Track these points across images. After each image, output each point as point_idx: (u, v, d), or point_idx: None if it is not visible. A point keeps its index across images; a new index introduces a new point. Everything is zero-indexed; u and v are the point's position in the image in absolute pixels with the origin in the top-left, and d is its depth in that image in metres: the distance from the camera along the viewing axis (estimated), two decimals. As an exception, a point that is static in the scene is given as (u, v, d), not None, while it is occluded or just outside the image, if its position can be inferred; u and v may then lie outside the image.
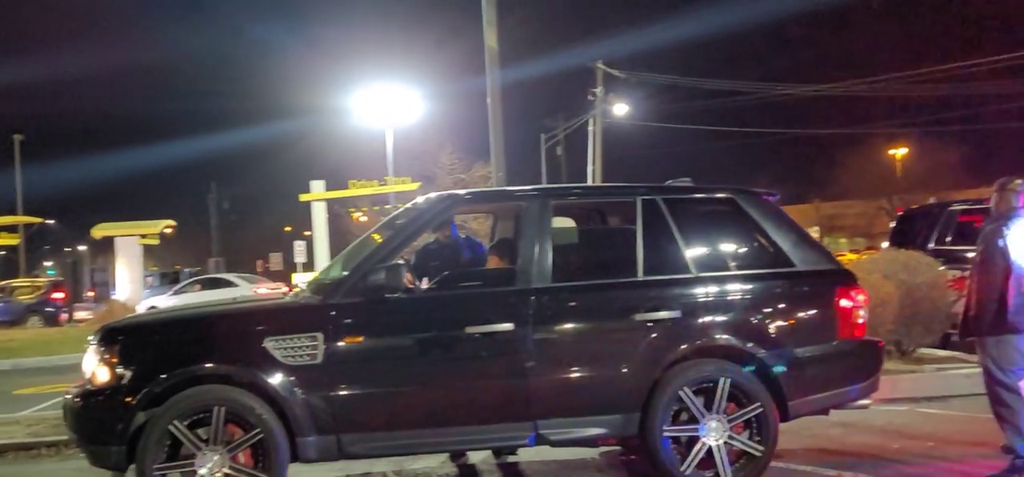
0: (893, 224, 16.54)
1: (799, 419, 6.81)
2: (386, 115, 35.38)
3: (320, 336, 6.12)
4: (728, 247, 7.02)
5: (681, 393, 6.42)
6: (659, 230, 6.69)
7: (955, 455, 7.46)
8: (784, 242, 6.81)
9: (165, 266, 70.62)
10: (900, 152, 60.25)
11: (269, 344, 6.10)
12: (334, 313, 6.23)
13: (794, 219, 7.21)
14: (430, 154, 38.92)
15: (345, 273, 6.53)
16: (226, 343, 6.23)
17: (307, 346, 6.10)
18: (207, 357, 6.16)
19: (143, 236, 34.78)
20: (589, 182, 40.09)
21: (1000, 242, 6.55)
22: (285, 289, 34.68)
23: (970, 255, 12.28)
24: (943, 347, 12.10)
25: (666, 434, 6.41)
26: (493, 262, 7.60)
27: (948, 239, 13.20)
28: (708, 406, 6.45)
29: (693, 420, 6.45)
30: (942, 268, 11.56)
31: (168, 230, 40.66)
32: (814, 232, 70.07)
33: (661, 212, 6.72)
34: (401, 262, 6.50)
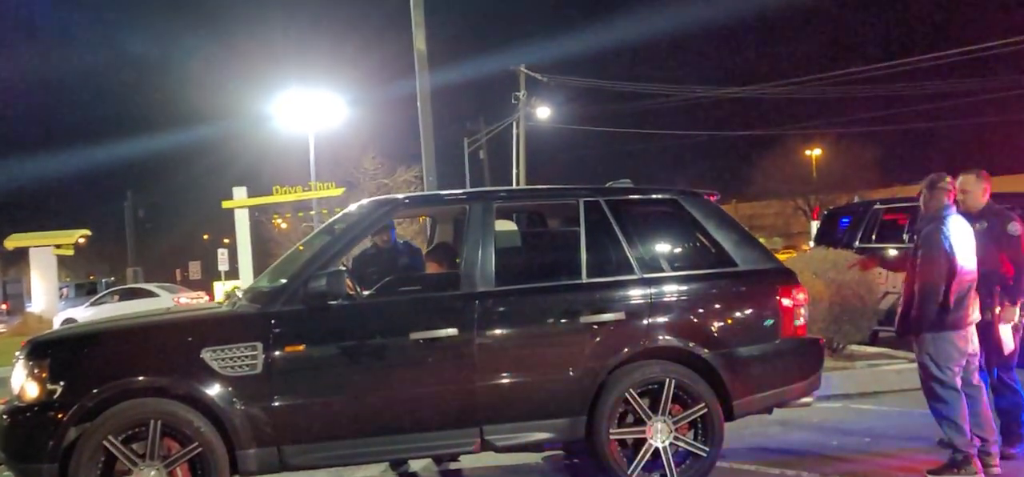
0: (818, 223, 16.82)
1: (740, 418, 6.84)
2: (308, 120, 34.95)
3: (259, 345, 5.96)
4: (671, 248, 7.02)
5: (627, 395, 6.38)
6: (602, 232, 6.66)
7: (893, 450, 7.55)
8: (726, 242, 6.82)
9: (79, 277, 68.96)
10: (815, 153, 61.58)
11: (206, 355, 5.91)
12: (274, 321, 6.06)
13: (735, 219, 7.24)
14: (353, 159, 38.67)
15: (284, 281, 6.37)
16: (161, 355, 6.02)
17: (246, 356, 5.94)
18: (142, 369, 5.94)
19: (58, 246, 33.83)
20: (514, 185, 40.17)
21: (943, 241, 6.62)
22: (206, 298, 34.07)
23: (892, 252, 12.64)
24: (872, 343, 12.31)
25: (613, 437, 6.37)
26: (432, 267, 7.49)
27: (873, 237, 13.42)
28: (654, 408, 6.43)
29: (639, 422, 6.41)
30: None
31: (82, 240, 39.64)
32: (733, 232, 71.48)
33: (604, 214, 6.69)
34: (343, 268, 6.37)
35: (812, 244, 17.29)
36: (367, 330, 6.27)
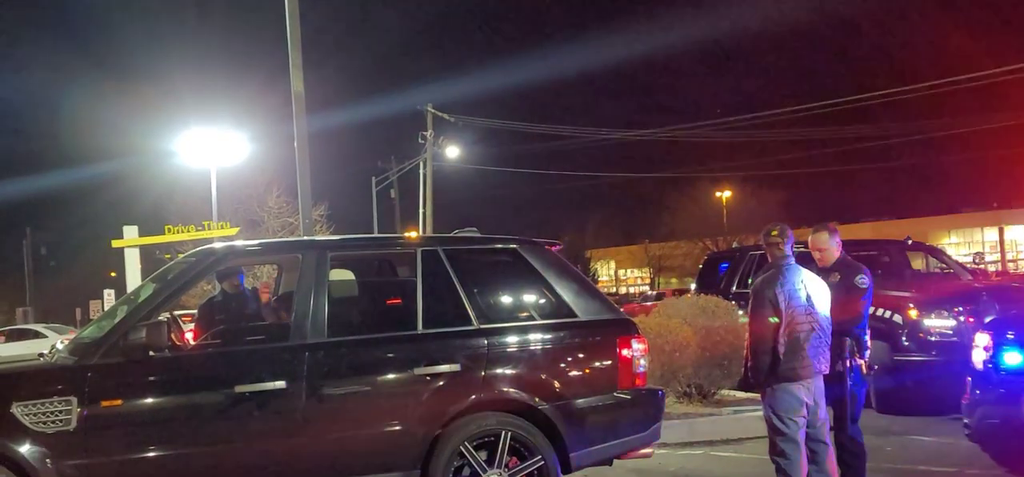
0: (700, 267, 16.98)
1: (593, 468, 6.77)
2: (210, 157, 34.35)
3: (74, 400, 5.73)
4: (511, 298, 6.98)
5: (462, 448, 6.28)
6: (440, 282, 6.57)
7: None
8: (566, 292, 6.79)
9: (-20, 318, 66.61)
10: (725, 195, 62.52)
11: (17, 410, 5.67)
12: (90, 375, 5.84)
13: (577, 269, 7.22)
14: (257, 197, 38.10)
15: (104, 332, 6.16)
16: None
17: (59, 411, 5.70)
18: None
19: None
20: (421, 224, 39.99)
21: (770, 292, 6.65)
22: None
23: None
24: (744, 389, 12.36)
25: None
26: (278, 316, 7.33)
27: (748, 282, 13.50)
28: (490, 461, 6.33)
29: (475, 475, 6.31)
30: (741, 312, 11.80)
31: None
32: (646, 272, 72.11)
33: (442, 263, 6.61)
34: (164, 319, 6.16)
35: (693, 288, 17.43)
36: (190, 383, 6.09)
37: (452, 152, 42.02)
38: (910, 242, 15.07)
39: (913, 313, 11.48)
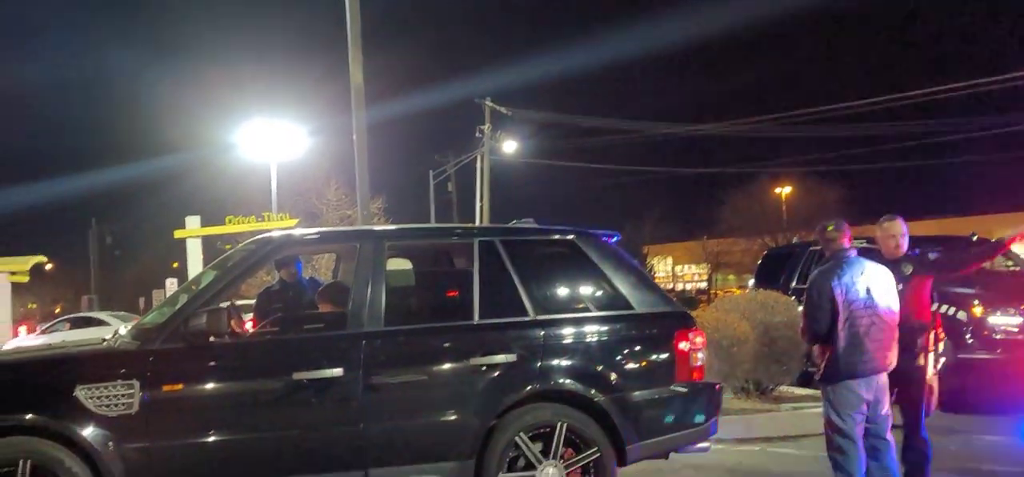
0: (759, 263, 16.80)
1: (650, 462, 6.73)
2: (270, 150, 34.77)
3: (136, 384, 5.81)
4: (567, 289, 6.93)
5: (517, 439, 6.27)
6: (496, 272, 6.56)
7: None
8: (623, 284, 6.75)
9: (46, 304, 68.30)
10: (785, 191, 61.75)
11: (81, 393, 5.76)
12: (152, 359, 5.93)
13: (634, 260, 7.16)
14: (316, 190, 38.44)
15: (166, 317, 6.25)
16: (34, 392, 5.87)
17: (122, 394, 5.79)
18: (12, 407, 5.78)
19: (12, 273, 33.36)
20: (477, 218, 40.04)
21: (830, 283, 6.57)
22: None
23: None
24: (804, 385, 12.22)
25: None
26: (324, 307, 7.30)
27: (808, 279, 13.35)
28: (545, 452, 6.31)
29: (530, 466, 6.30)
30: (800, 308, 11.65)
31: (49, 266, 39.13)
32: (704, 268, 71.47)
33: (499, 254, 6.60)
34: (224, 306, 6.23)
35: (751, 284, 17.25)
36: (249, 369, 6.16)
37: (509, 146, 42.01)
38: (975, 238, 14.76)
39: (977, 311, 11.27)
